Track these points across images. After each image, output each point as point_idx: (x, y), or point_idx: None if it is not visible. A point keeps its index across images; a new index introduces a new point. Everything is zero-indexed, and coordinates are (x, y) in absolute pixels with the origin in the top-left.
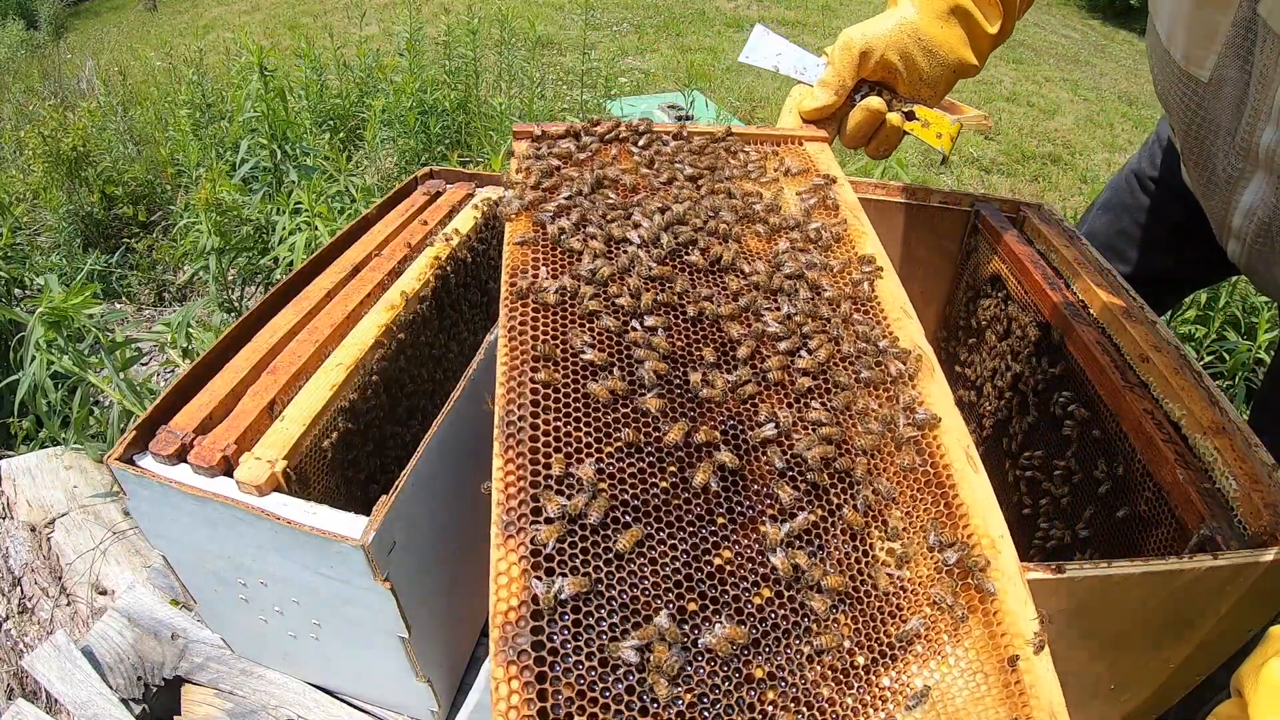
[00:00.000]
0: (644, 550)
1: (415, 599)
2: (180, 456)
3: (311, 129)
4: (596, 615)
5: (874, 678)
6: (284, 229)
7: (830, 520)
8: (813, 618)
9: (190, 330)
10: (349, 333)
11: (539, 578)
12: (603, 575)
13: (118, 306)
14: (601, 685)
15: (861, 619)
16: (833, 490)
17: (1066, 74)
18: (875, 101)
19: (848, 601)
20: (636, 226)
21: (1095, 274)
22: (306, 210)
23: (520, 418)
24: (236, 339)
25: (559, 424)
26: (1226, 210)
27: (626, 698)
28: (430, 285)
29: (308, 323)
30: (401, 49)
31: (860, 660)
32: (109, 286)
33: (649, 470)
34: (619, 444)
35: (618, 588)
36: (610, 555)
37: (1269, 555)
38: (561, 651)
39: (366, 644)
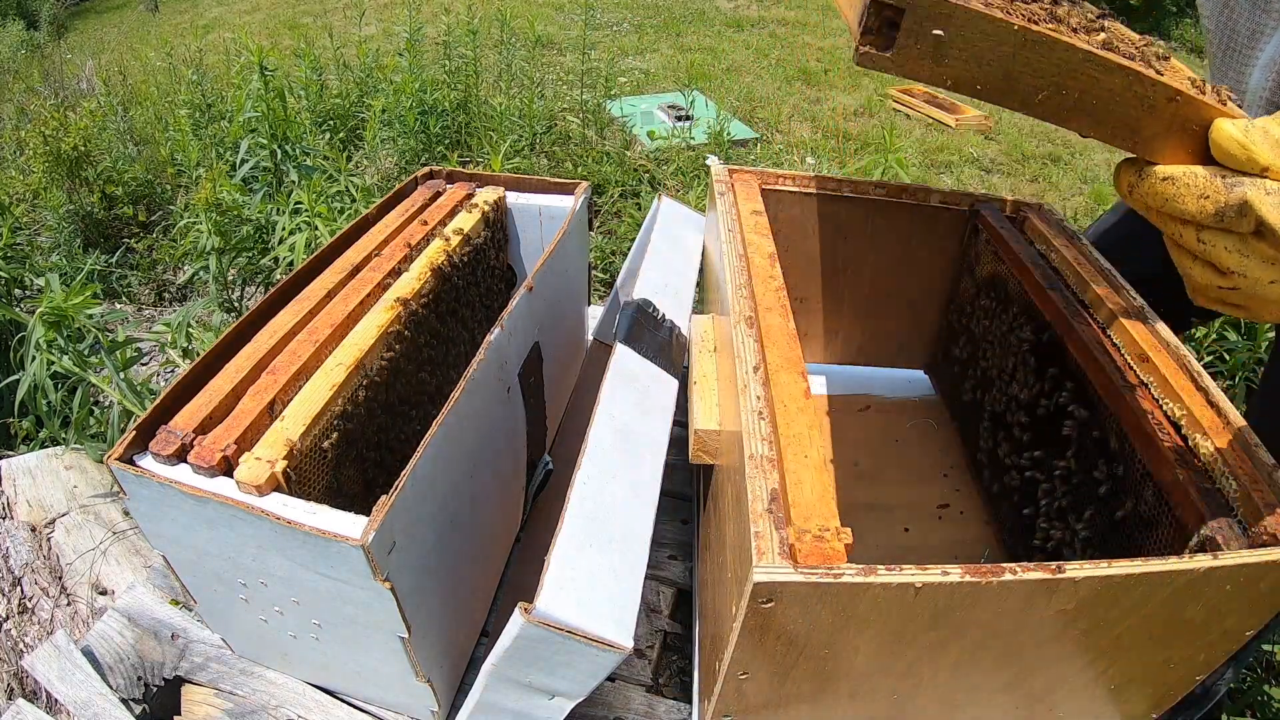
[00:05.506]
0: None
1: (415, 599)
2: (180, 456)
3: (311, 129)
4: None
5: None
6: (284, 229)
7: None
8: None
9: (190, 330)
10: (349, 333)
11: None
12: None
13: (118, 306)
14: None
15: None
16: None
17: None
18: None
19: None
20: None
21: (1095, 274)
22: (306, 210)
23: None
24: (236, 339)
25: None
26: (1242, 76)
27: None
28: (430, 285)
29: (308, 323)
30: (401, 49)
31: None
32: (109, 286)
33: None
34: None
35: None
36: None
37: (1269, 555)
38: None
39: (366, 644)
